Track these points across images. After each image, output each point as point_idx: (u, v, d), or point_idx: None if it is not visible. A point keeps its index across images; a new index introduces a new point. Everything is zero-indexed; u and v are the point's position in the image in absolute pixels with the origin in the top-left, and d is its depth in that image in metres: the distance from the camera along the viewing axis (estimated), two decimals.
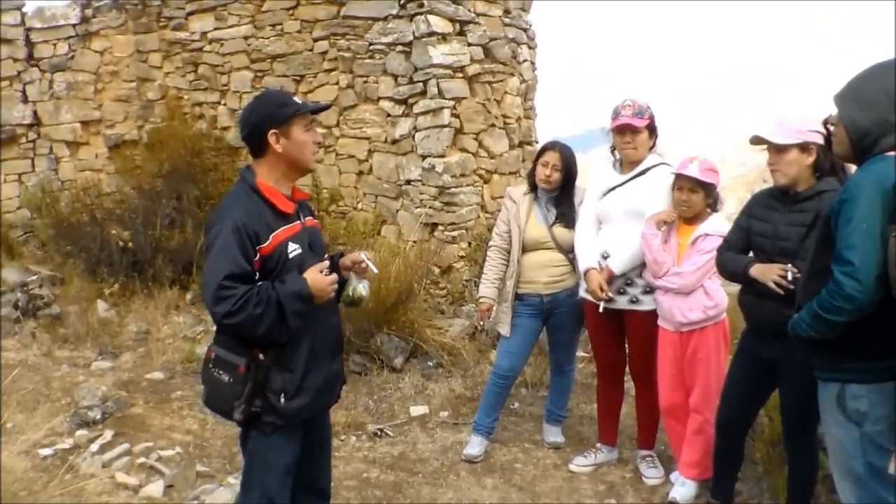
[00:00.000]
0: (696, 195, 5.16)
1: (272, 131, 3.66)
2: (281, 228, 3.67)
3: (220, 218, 3.64)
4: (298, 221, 3.81)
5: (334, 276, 3.76)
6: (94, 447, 6.23)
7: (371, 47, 9.78)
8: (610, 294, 5.52)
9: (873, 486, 3.46)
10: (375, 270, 4.00)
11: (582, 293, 5.79)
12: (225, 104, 11.82)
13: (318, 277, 3.63)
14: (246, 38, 11.29)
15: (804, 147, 4.36)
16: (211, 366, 3.72)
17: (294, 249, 3.69)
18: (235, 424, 3.83)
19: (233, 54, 11.50)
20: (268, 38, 11.01)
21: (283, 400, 3.67)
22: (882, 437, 3.41)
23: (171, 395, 7.51)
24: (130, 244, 9.68)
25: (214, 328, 3.77)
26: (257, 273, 3.58)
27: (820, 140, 4.35)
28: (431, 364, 7.97)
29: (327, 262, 3.79)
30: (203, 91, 12.05)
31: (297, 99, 3.80)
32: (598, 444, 6.16)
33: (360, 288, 3.98)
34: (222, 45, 11.60)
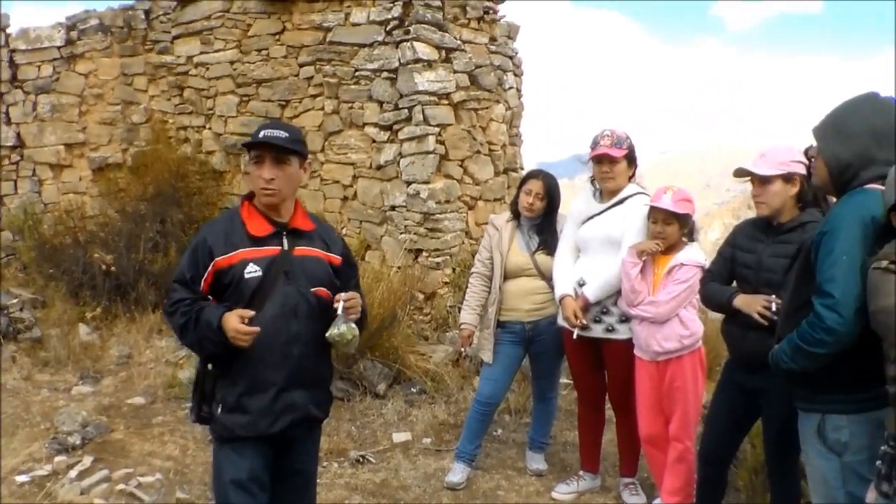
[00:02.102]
0: (670, 227, 5.16)
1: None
2: (247, 248, 3.73)
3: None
4: (277, 247, 3.79)
5: (255, 329, 3.58)
6: (73, 473, 6.16)
7: (357, 73, 9.82)
8: (584, 322, 5.52)
9: None
10: (340, 312, 3.79)
11: (559, 321, 5.79)
12: (210, 128, 11.84)
13: (232, 320, 3.55)
14: (232, 62, 11.34)
15: (788, 178, 4.37)
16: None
17: (253, 272, 3.70)
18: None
19: (218, 79, 11.56)
20: (253, 62, 11.05)
21: (220, 410, 3.73)
22: (863, 468, 3.39)
23: (153, 420, 7.41)
24: (113, 267, 9.63)
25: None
26: (203, 284, 3.70)
27: (803, 171, 4.36)
28: (415, 390, 7.95)
29: (252, 313, 3.61)
30: (188, 115, 12.10)
31: (265, 133, 3.76)
32: (581, 472, 6.14)
33: (335, 331, 3.77)
34: (208, 69, 11.65)
